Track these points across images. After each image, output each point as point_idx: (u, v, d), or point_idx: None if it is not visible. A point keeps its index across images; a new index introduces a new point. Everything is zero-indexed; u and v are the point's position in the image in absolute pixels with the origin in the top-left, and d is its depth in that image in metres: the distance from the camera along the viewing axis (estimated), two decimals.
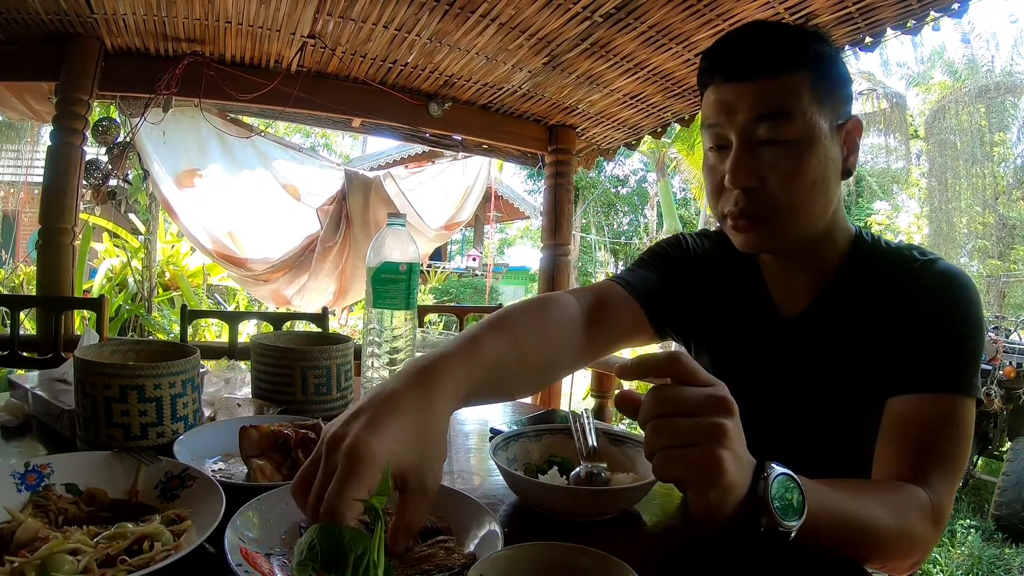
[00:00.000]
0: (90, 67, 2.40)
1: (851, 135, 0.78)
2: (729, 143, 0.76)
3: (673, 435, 0.51)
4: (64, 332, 2.08)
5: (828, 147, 0.75)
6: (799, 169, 0.73)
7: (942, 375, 0.73)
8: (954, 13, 2.01)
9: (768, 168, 0.74)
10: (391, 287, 1.01)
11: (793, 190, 0.74)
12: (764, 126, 0.73)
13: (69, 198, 2.37)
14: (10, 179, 7.92)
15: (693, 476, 0.51)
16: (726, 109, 0.76)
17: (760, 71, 0.73)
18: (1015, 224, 10.19)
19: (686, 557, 0.63)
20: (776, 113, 0.73)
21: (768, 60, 0.73)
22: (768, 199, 0.75)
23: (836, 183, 0.78)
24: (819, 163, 0.74)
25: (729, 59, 0.76)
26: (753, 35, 0.77)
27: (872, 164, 13.15)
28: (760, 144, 0.74)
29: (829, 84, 0.75)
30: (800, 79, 0.73)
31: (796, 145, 0.73)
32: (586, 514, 0.68)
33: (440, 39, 2.47)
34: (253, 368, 1.05)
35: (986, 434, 3.64)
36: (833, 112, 0.75)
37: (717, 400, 0.51)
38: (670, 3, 2.11)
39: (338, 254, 3.47)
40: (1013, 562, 2.81)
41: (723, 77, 0.76)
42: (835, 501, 0.62)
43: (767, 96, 0.73)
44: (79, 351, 0.84)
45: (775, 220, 0.76)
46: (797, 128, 0.73)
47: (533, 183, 16.06)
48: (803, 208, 0.76)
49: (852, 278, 0.83)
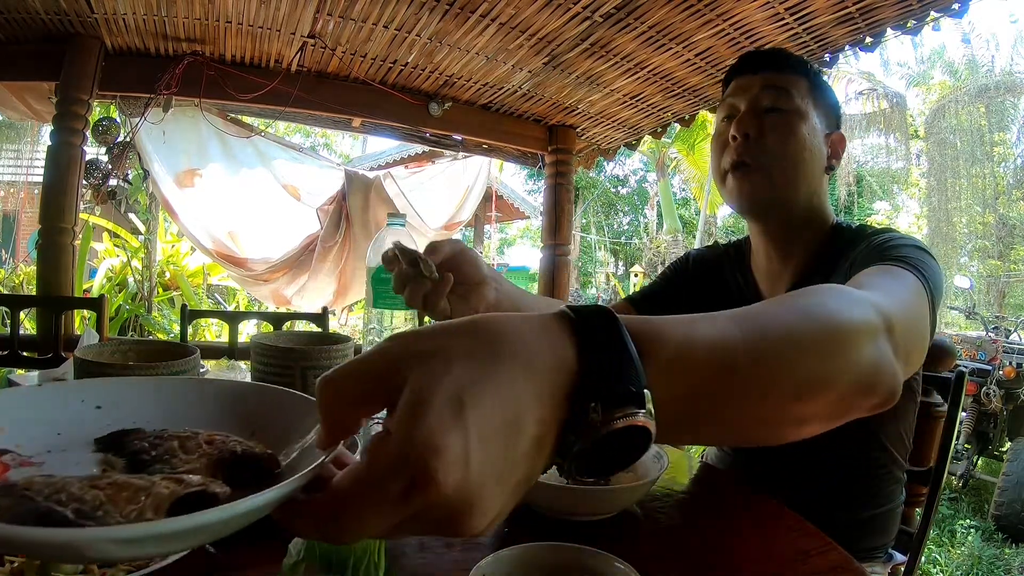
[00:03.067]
0: (90, 67, 2.40)
1: (836, 145, 0.95)
2: (739, 112, 0.93)
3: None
4: (64, 332, 2.08)
5: (816, 136, 0.91)
6: (791, 131, 0.89)
7: (896, 261, 0.66)
8: (954, 13, 2.01)
9: (767, 126, 0.90)
10: (391, 287, 1.01)
11: (784, 145, 0.89)
12: (768, 96, 0.91)
13: (69, 198, 2.37)
14: (10, 179, 7.92)
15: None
16: (742, 88, 0.94)
17: (772, 66, 0.94)
18: (1015, 224, 10.19)
19: (686, 557, 0.63)
20: (780, 89, 0.91)
21: (779, 61, 0.94)
22: (762, 148, 0.89)
23: (820, 164, 0.92)
24: (808, 134, 0.90)
25: (750, 59, 0.97)
26: (766, 51, 0.98)
27: (872, 164, 13.16)
28: (764, 112, 0.91)
29: (823, 97, 0.94)
30: (801, 80, 0.92)
31: (792, 114, 0.90)
32: (586, 514, 0.68)
33: (440, 39, 2.47)
34: (253, 368, 1.05)
35: (986, 434, 3.63)
36: (824, 118, 0.93)
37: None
38: (670, 3, 2.11)
39: (338, 254, 3.47)
40: (1013, 562, 2.81)
41: (742, 71, 0.96)
42: (689, 327, 0.35)
43: (774, 79, 0.92)
44: (79, 351, 0.84)
45: (767, 170, 0.89)
46: (794, 103, 0.90)
47: (533, 183, 16.06)
48: (790, 164, 0.89)
49: (829, 262, 0.89)
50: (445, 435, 0.25)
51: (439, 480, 0.25)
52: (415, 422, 0.26)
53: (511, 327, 0.30)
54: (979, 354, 3.73)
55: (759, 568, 0.61)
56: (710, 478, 0.93)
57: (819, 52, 2.37)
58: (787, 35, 2.26)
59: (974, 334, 4.23)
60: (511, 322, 0.30)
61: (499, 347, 0.29)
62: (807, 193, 0.92)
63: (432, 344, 0.28)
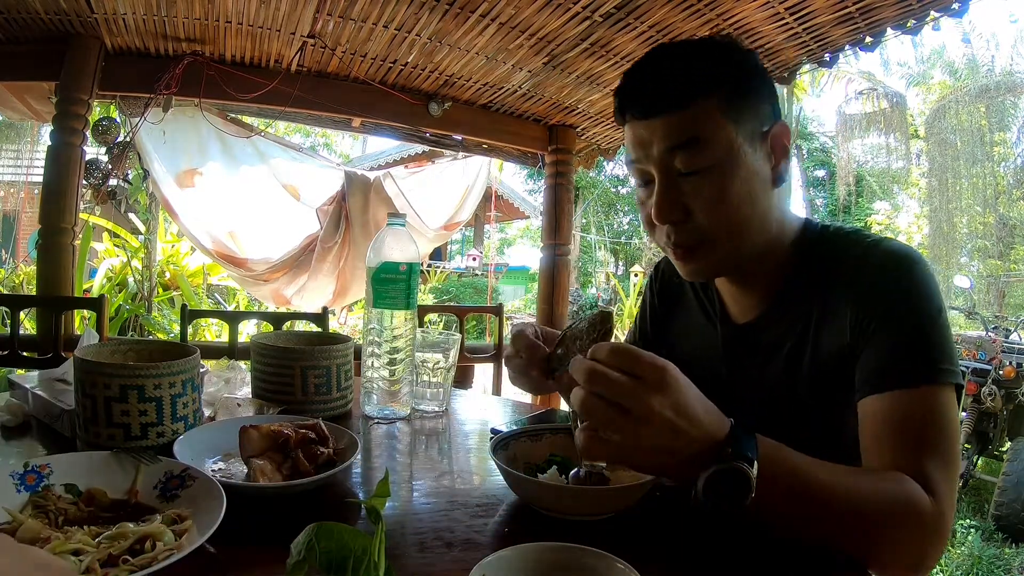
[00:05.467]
0: (90, 67, 2.40)
1: (778, 139, 0.77)
2: (652, 178, 0.76)
3: (599, 419, 0.55)
4: (64, 332, 2.08)
5: (751, 162, 0.74)
6: (722, 196, 0.73)
7: (914, 367, 0.68)
8: (954, 13, 2.01)
9: (691, 198, 0.74)
10: (391, 287, 1.01)
11: (719, 217, 0.74)
12: (680, 157, 0.73)
13: (69, 198, 2.37)
14: (10, 179, 7.93)
15: (617, 462, 0.59)
16: (642, 144, 0.76)
17: (668, 104, 0.73)
18: (1015, 224, 10.20)
19: (686, 557, 0.63)
20: (689, 142, 0.72)
21: (674, 92, 0.73)
22: (696, 230, 0.75)
23: (767, 195, 0.77)
24: (742, 183, 0.73)
25: (637, 96, 0.76)
26: (657, 68, 0.76)
27: (872, 164, 13.16)
28: (681, 176, 0.74)
29: (745, 97, 0.74)
30: (709, 103, 0.72)
31: (715, 171, 0.73)
32: (586, 514, 0.68)
33: (440, 39, 2.46)
34: (253, 368, 1.05)
35: (986, 434, 3.63)
36: (754, 123, 0.75)
37: (647, 386, 0.54)
38: (670, 3, 2.11)
39: (338, 254, 3.47)
40: (1013, 562, 2.81)
41: (634, 114, 0.76)
42: (798, 462, 0.60)
43: (678, 127, 0.73)
44: (79, 351, 0.84)
45: (710, 247, 0.77)
46: (713, 153, 0.72)
47: (533, 183, 16.06)
48: (735, 232, 0.75)
49: (801, 279, 0.81)
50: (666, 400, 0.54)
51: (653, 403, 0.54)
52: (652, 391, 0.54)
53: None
54: (979, 354, 3.73)
55: (759, 568, 0.61)
56: None
57: (819, 52, 2.38)
58: (787, 35, 2.26)
59: (974, 334, 4.23)
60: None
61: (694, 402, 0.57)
62: (759, 236, 0.78)
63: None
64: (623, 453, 0.56)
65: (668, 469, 0.58)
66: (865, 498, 0.60)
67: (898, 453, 0.66)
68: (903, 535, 0.61)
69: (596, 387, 0.54)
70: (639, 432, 0.54)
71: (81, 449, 0.77)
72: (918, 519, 0.61)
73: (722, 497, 0.55)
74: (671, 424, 0.54)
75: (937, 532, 0.62)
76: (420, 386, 1.10)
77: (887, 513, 0.60)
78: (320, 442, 0.76)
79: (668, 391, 0.54)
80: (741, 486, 0.55)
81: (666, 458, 0.56)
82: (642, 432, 0.54)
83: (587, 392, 0.55)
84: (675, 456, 0.55)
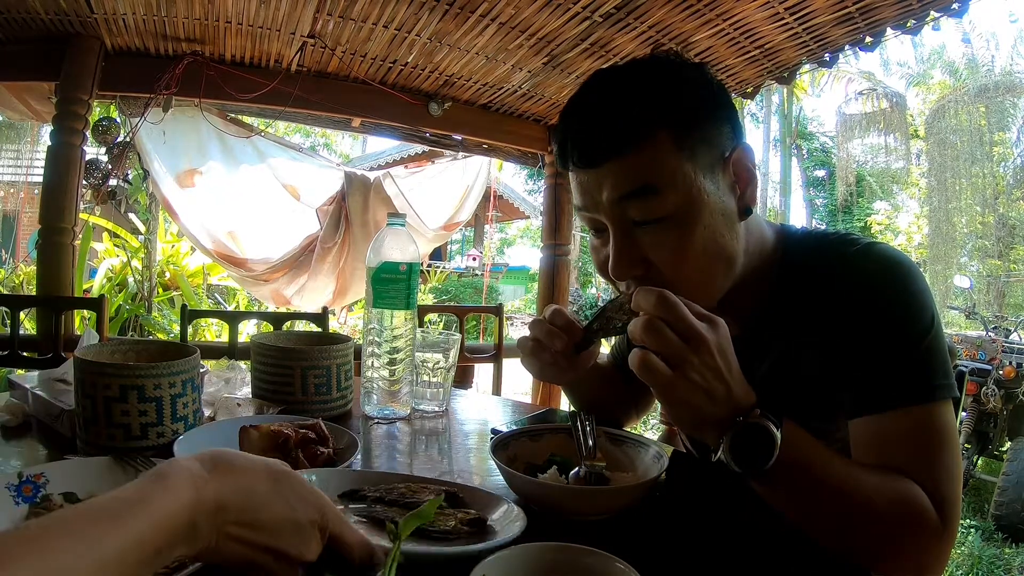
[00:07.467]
0: (90, 67, 2.40)
1: (740, 165, 0.69)
2: (605, 226, 0.69)
3: (658, 342, 0.57)
4: (64, 332, 2.08)
5: (714, 201, 0.67)
6: (684, 246, 0.66)
7: (910, 387, 0.66)
8: (954, 13, 2.01)
9: (651, 250, 0.67)
10: (391, 287, 1.01)
11: (683, 267, 0.67)
12: (633, 207, 0.66)
13: (69, 198, 2.37)
14: (10, 179, 7.92)
15: (658, 392, 0.58)
16: (589, 193, 0.68)
17: (612, 150, 0.64)
18: (1015, 224, 10.19)
19: (687, 557, 0.63)
20: (642, 190, 0.65)
21: (617, 137, 0.64)
22: (660, 281, 0.66)
23: (734, 234, 0.70)
24: (706, 228, 0.66)
25: (576, 143, 0.67)
26: (596, 107, 0.67)
27: (872, 164, 13.15)
28: (636, 225, 0.67)
29: (699, 126, 0.66)
30: (659, 141, 0.64)
31: (675, 219, 0.65)
32: (586, 514, 0.68)
33: (440, 39, 2.46)
34: (253, 368, 1.05)
35: (986, 434, 3.63)
36: (712, 152, 0.67)
37: (704, 337, 0.57)
38: (670, 3, 2.11)
39: (337, 254, 3.47)
40: (1013, 562, 2.81)
41: (575, 163, 0.68)
42: (818, 450, 0.61)
43: (627, 175, 0.65)
44: (79, 351, 0.84)
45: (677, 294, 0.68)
46: (669, 200, 0.65)
47: (533, 183, 16.05)
48: (703, 281, 0.69)
49: (782, 298, 0.76)
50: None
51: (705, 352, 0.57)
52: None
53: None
54: (979, 354, 3.73)
55: (760, 567, 0.61)
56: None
57: (819, 52, 2.38)
58: (787, 35, 2.26)
59: (974, 334, 4.23)
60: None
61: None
62: (728, 278, 0.72)
63: None
64: (669, 383, 0.57)
65: (700, 419, 0.59)
66: (877, 489, 0.61)
67: (900, 471, 0.64)
68: (909, 538, 0.61)
69: (670, 315, 0.57)
70: (698, 372, 0.56)
71: (81, 449, 0.77)
72: (925, 525, 0.61)
73: (746, 458, 0.58)
74: (723, 377, 0.58)
75: (941, 544, 0.62)
76: (420, 386, 1.10)
77: (897, 511, 0.61)
78: (320, 442, 0.76)
79: (728, 350, 0.59)
80: (766, 446, 0.57)
81: (706, 405, 0.58)
82: (695, 374, 0.56)
83: (658, 318, 0.57)
84: (714, 406, 0.58)
